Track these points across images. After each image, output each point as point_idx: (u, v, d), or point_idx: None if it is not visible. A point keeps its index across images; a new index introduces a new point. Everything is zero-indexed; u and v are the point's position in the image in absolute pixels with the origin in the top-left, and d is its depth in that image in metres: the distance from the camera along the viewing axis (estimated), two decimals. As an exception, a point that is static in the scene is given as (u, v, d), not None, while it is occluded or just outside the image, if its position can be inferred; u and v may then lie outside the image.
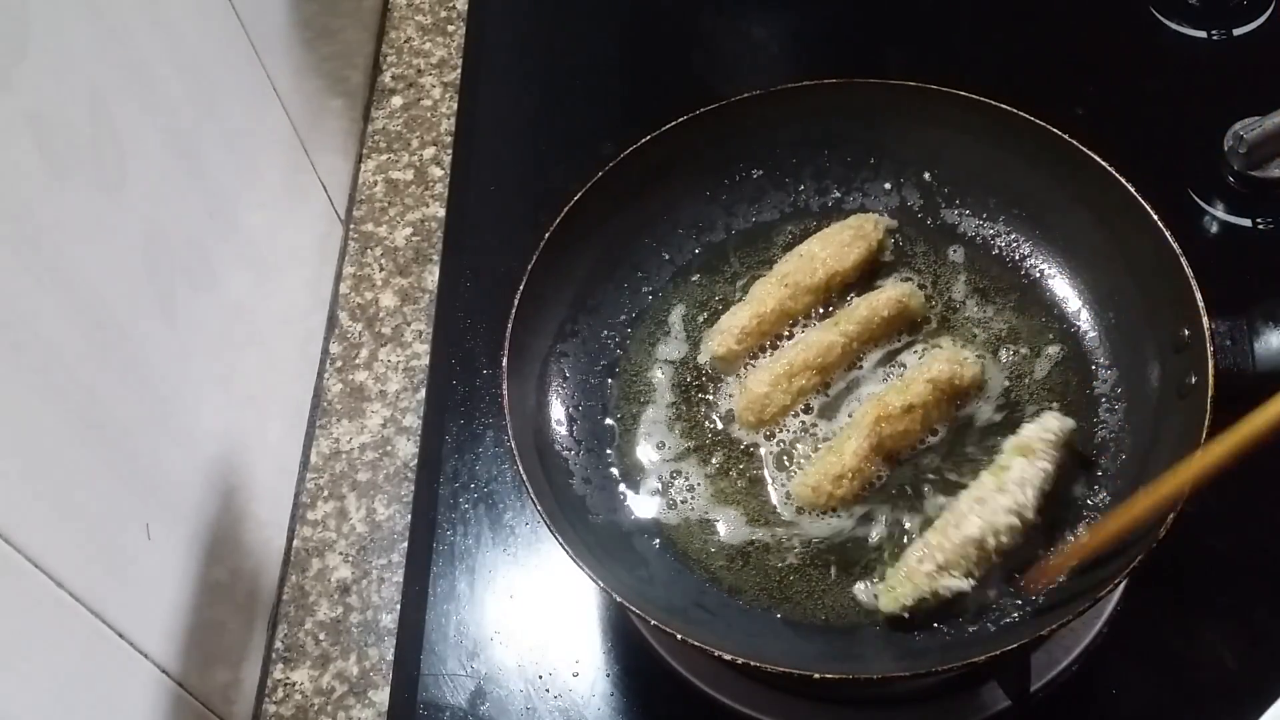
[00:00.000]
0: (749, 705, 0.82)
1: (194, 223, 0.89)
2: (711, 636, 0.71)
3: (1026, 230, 0.91)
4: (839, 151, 0.95)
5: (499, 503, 0.95)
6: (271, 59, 1.03)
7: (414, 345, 1.06)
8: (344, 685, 0.90)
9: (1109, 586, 0.70)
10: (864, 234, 0.90)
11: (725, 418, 0.86)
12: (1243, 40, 1.15)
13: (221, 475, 0.89)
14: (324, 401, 1.04)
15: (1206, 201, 1.04)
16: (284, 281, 1.05)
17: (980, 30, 1.20)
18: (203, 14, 0.93)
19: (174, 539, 0.82)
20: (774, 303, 0.88)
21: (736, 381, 0.87)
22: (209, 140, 0.92)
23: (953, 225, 0.93)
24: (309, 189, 1.11)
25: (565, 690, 0.86)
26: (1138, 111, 1.11)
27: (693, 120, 0.90)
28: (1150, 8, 1.18)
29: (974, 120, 0.89)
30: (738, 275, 0.93)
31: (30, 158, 0.68)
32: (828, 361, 0.86)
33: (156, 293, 0.82)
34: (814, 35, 1.25)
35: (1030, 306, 0.89)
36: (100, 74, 0.77)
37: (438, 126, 1.21)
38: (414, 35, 1.29)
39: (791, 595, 0.79)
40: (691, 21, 1.27)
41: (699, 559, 0.81)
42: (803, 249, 0.91)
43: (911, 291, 0.89)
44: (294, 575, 0.95)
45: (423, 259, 1.12)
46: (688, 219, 0.94)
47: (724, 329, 0.88)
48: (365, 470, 1.00)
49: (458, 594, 0.91)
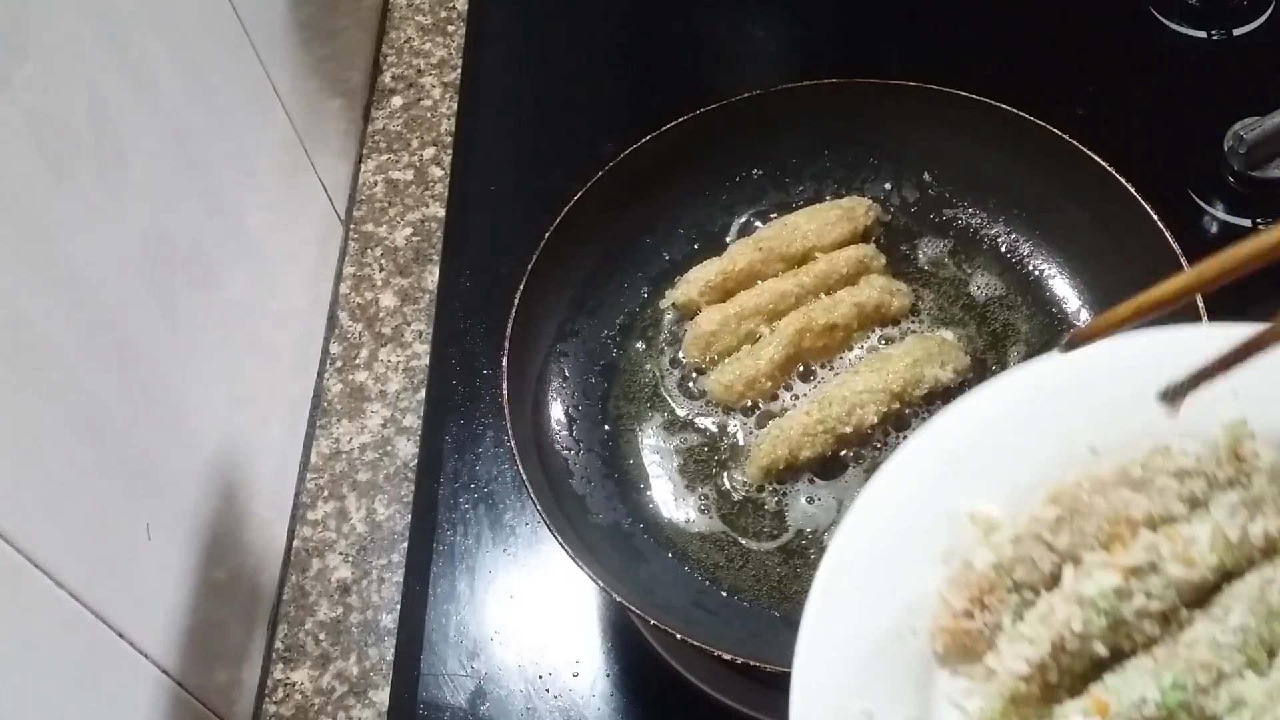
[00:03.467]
0: (749, 705, 0.82)
1: (194, 223, 0.89)
2: (711, 636, 0.71)
3: (1026, 230, 0.91)
4: (839, 151, 0.95)
5: (499, 503, 0.95)
6: (271, 59, 1.03)
7: (414, 345, 1.06)
8: (344, 685, 0.90)
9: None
10: (852, 216, 0.91)
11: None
12: (1243, 40, 1.15)
13: (221, 475, 0.89)
14: (324, 401, 1.04)
15: (1206, 201, 1.04)
16: (284, 281, 1.05)
17: (980, 30, 1.20)
18: (203, 14, 0.93)
19: (174, 539, 0.82)
20: (744, 263, 0.90)
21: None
22: (209, 140, 0.92)
23: (952, 225, 0.93)
24: (309, 189, 1.11)
25: (565, 690, 0.86)
26: (1138, 111, 1.11)
27: (693, 120, 0.90)
28: (1150, 8, 1.18)
29: (974, 120, 0.89)
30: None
31: (30, 158, 0.68)
32: (779, 308, 0.88)
33: (156, 293, 0.82)
34: (814, 35, 1.25)
35: (1030, 306, 0.89)
36: (100, 74, 0.77)
37: (438, 126, 1.21)
38: (414, 35, 1.29)
39: (791, 595, 0.79)
40: (691, 21, 1.27)
41: (699, 559, 0.81)
42: (788, 218, 0.92)
43: (874, 254, 0.90)
44: (294, 575, 0.95)
45: (423, 259, 1.12)
46: (688, 219, 0.94)
47: (690, 279, 0.91)
48: (365, 470, 1.00)
49: (458, 594, 0.91)
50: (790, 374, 0.87)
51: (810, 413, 0.82)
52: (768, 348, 0.86)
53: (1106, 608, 0.51)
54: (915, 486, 0.57)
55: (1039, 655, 0.51)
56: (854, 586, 0.54)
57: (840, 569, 0.54)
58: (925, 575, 0.55)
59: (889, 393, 0.82)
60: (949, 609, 0.53)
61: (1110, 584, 0.51)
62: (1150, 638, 0.52)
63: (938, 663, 0.53)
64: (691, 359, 0.88)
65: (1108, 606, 0.51)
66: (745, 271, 0.90)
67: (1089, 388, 0.58)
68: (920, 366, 0.84)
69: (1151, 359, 0.55)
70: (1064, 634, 0.51)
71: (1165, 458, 0.55)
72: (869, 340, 0.88)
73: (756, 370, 0.86)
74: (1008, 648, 0.52)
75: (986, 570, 0.54)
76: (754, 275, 0.90)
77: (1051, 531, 0.54)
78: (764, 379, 0.86)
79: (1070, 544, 0.54)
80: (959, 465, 0.57)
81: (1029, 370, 0.60)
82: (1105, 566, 0.52)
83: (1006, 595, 0.53)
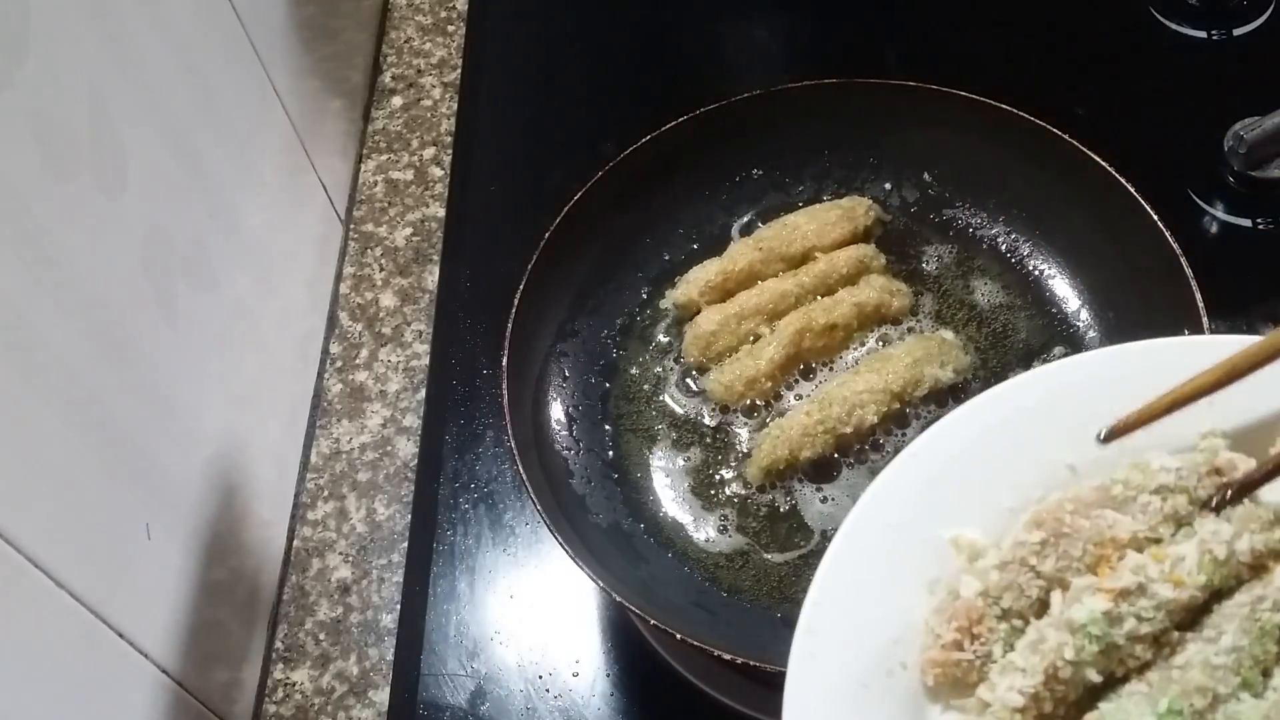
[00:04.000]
0: (749, 705, 0.82)
1: (194, 223, 0.89)
2: (711, 636, 0.71)
3: (1026, 230, 0.91)
4: (839, 151, 0.95)
5: (499, 503, 0.95)
6: (271, 59, 1.03)
7: (414, 345, 1.06)
8: (344, 685, 0.90)
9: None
10: (852, 216, 0.91)
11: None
12: (1243, 40, 1.15)
13: (221, 475, 0.89)
14: (324, 401, 1.04)
15: (1206, 201, 1.04)
16: (284, 281, 1.05)
17: (980, 30, 1.20)
18: (203, 14, 0.93)
19: (174, 539, 0.82)
20: (744, 262, 0.90)
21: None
22: (209, 140, 0.92)
23: (952, 225, 0.93)
24: (309, 189, 1.11)
25: (565, 690, 0.86)
26: (1138, 111, 1.11)
27: (693, 120, 0.90)
28: (1150, 8, 1.18)
29: (974, 120, 0.89)
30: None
31: (30, 158, 0.68)
32: (779, 308, 0.88)
33: (156, 293, 0.82)
34: (814, 35, 1.25)
35: (1030, 306, 0.89)
36: (100, 74, 0.77)
37: (438, 126, 1.21)
38: (414, 35, 1.29)
39: (791, 595, 0.79)
40: (691, 21, 1.27)
41: (699, 559, 0.81)
42: (788, 218, 0.92)
43: (874, 254, 0.90)
44: (294, 575, 0.95)
45: (423, 259, 1.12)
46: (688, 219, 0.94)
47: (690, 279, 0.90)
48: (365, 470, 1.00)
49: (458, 594, 0.91)
50: (790, 374, 0.87)
51: (810, 413, 0.82)
52: (768, 348, 0.86)
53: (1098, 633, 0.50)
54: (895, 515, 0.56)
55: (1033, 685, 0.50)
56: (839, 622, 0.53)
57: (823, 603, 0.53)
58: (911, 606, 0.54)
59: (889, 393, 0.82)
60: (937, 641, 0.52)
61: (1100, 608, 0.50)
62: (1143, 662, 0.51)
63: (928, 697, 0.52)
64: (691, 359, 0.88)
65: (1099, 632, 0.50)
66: (745, 271, 0.90)
67: (1064, 404, 0.57)
68: (920, 366, 0.84)
69: (1125, 372, 0.55)
70: (1056, 662, 0.50)
71: (1145, 474, 0.54)
72: (869, 340, 0.88)
73: (756, 370, 0.86)
74: (1000, 679, 0.51)
75: (973, 599, 0.53)
76: (754, 275, 0.90)
77: (1037, 556, 0.53)
78: (764, 379, 0.86)
79: (1056, 568, 0.53)
80: (938, 491, 0.56)
81: (1002, 390, 0.59)
82: (1093, 591, 0.51)
83: (995, 624, 0.52)
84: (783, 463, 0.82)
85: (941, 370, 0.84)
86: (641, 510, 0.83)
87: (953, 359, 0.85)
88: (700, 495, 0.84)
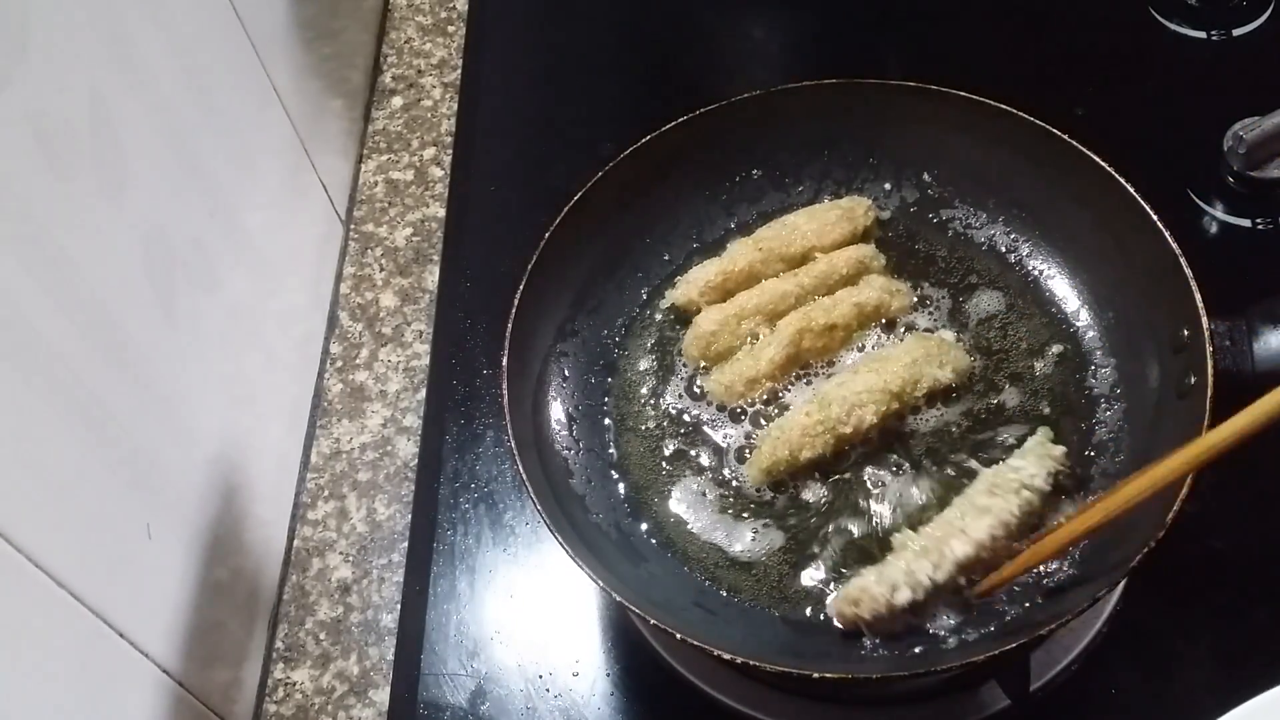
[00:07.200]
0: (749, 705, 0.82)
1: (194, 223, 0.89)
2: (711, 636, 0.71)
3: (1026, 230, 0.91)
4: (839, 151, 0.95)
5: (499, 503, 0.95)
6: (271, 59, 1.03)
7: (414, 345, 1.06)
8: (344, 685, 0.90)
9: (1109, 586, 0.70)
10: (852, 216, 0.92)
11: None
12: (1243, 40, 1.15)
13: (221, 475, 0.89)
14: (324, 401, 1.04)
15: (1206, 201, 1.04)
16: (284, 281, 1.05)
17: (980, 30, 1.20)
18: (203, 14, 0.93)
19: (174, 539, 0.82)
20: (744, 262, 0.90)
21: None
22: (209, 140, 0.92)
23: (952, 225, 0.93)
24: (309, 189, 1.11)
25: (565, 690, 0.86)
26: (1138, 111, 1.11)
27: (693, 120, 0.90)
28: (1150, 8, 1.18)
29: (974, 120, 0.89)
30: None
31: (30, 158, 0.68)
32: (779, 309, 0.88)
33: (156, 293, 0.82)
34: (814, 35, 1.25)
35: (1030, 306, 0.89)
36: (100, 74, 0.77)
37: (438, 127, 1.21)
38: (414, 35, 1.29)
39: (791, 595, 0.79)
40: (691, 21, 1.27)
41: (699, 559, 0.81)
42: (788, 218, 0.92)
43: (874, 254, 0.90)
44: (294, 575, 0.95)
45: (423, 259, 1.12)
46: (688, 219, 0.94)
47: (690, 279, 0.91)
48: (365, 470, 1.00)
49: (458, 594, 0.91)
50: (790, 374, 0.87)
51: (810, 413, 0.82)
52: (768, 348, 0.86)
53: None
54: None
55: None
56: None
57: None
58: None
59: (888, 393, 0.82)
60: None
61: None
62: None
63: None
64: (691, 359, 0.88)
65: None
66: (745, 271, 0.90)
67: None
68: (920, 366, 0.84)
69: None
70: None
71: None
72: (869, 340, 0.88)
73: (756, 370, 0.86)
74: None
75: None
76: (754, 275, 0.90)
77: None
78: (764, 379, 0.86)
79: None
80: None
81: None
82: None
83: None
84: (783, 463, 0.82)
85: (941, 370, 0.84)
86: (641, 510, 0.83)
87: (952, 359, 0.85)
88: (700, 495, 0.84)
